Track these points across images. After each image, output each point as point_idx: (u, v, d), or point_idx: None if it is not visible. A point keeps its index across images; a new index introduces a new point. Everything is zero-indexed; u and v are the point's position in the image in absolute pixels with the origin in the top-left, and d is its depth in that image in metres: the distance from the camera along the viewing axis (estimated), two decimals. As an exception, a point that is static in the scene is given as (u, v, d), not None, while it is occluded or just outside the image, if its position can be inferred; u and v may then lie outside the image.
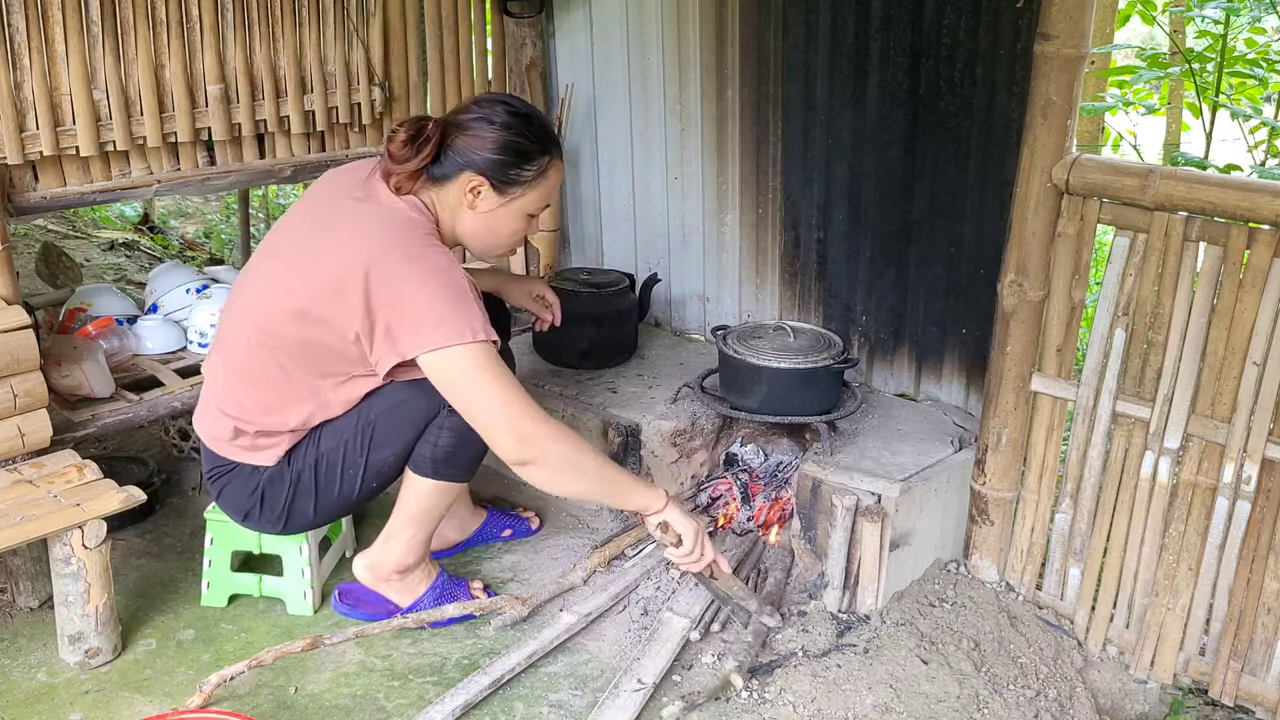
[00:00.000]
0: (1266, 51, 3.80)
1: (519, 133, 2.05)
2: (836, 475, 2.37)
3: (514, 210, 2.11)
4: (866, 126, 2.72)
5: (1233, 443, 2.06)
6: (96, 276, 4.63)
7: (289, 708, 2.08)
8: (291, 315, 1.99)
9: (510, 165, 2.05)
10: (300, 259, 2.02)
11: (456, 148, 2.04)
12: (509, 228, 2.13)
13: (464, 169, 2.04)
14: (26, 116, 2.34)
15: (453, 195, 2.07)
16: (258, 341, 2.04)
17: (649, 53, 3.15)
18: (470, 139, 2.03)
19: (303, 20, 2.74)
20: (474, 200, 2.06)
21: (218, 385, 2.14)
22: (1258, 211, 1.94)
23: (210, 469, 2.18)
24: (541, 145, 2.08)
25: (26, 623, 2.32)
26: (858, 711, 2.07)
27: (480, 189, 2.05)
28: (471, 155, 2.03)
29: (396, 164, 2.02)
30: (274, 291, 2.03)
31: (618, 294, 2.95)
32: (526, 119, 2.07)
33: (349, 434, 2.09)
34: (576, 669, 2.21)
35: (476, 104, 2.09)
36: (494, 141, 2.03)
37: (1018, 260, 2.23)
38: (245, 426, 2.09)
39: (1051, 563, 2.41)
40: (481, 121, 2.04)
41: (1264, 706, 2.16)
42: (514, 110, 2.07)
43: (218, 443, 2.13)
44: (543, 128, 2.10)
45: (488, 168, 2.04)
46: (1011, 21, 2.37)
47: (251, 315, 2.06)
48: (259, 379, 2.06)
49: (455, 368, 1.93)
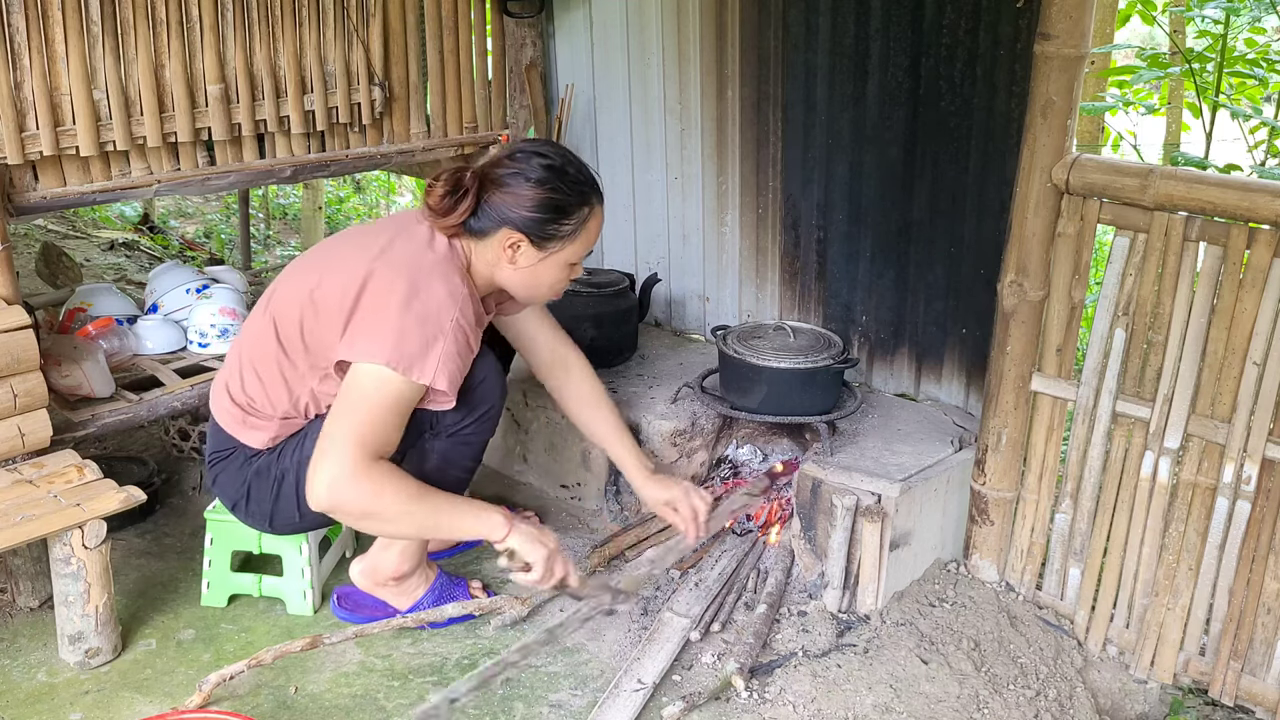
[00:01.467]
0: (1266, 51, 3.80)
1: (555, 188, 2.00)
2: (836, 475, 2.37)
3: (554, 263, 2.08)
4: (866, 126, 2.72)
5: (1233, 443, 2.06)
6: (96, 276, 4.63)
7: (289, 708, 2.08)
8: (301, 298, 2.03)
9: (549, 222, 2.02)
10: (330, 254, 2.08)
11: (494, 204, 2.01)
12: (550, 277, 2.11)
13: (502, 225, 2.01)
14: (26, 116, 2.34)
15: (491, 250, 2.04)
16: (269, 322, 2.08)
17: (649, 53, 3.15)
18: (507, 195, 2.00)
19: (303, 20, 2.74)
20: (513, 256, 2.04)
21: (231, 359, 2.18)
22: (1258, 211, 1.94)
23: (211, 453, 2.21)
24: (580, 197, 2.04)
25: (26, 623, 2.32)
26: (858, 711, 2.08)
27: (519, 245, 2.03)
28: (509, 213, 2.00)
29: (436, 218, 2.01)
30: (300, 276, 2.07)
31: (618, 294, 2.95)
32: (562, 172, 2.02)
33: None
34: (576, 669, 2.21)
35: (511, 158, 2.03)
36: (531, 200, 2.00)
37: (1018, 260, 2.23)
38: (240, 399, 2.11)
39: (1051, 563, 2.41)
40: (518, 177, 2.00)
41: (1264, 706, 2.16)
42: (550, 165, 2.01)
43: (220, 412, 2.16)
44: (579, 178, 2.05)
45: (526, 225, 2.01)
46: (1011, 21, 2.38)
47: (276, 298, 2.10)
48: (261, 357, 2.09)
49: (365, 381, 1.91)
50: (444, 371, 1.92)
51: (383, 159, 3.04)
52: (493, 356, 2.14)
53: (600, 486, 2.79)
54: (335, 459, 1.88)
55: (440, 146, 3.15)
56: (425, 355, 1.90)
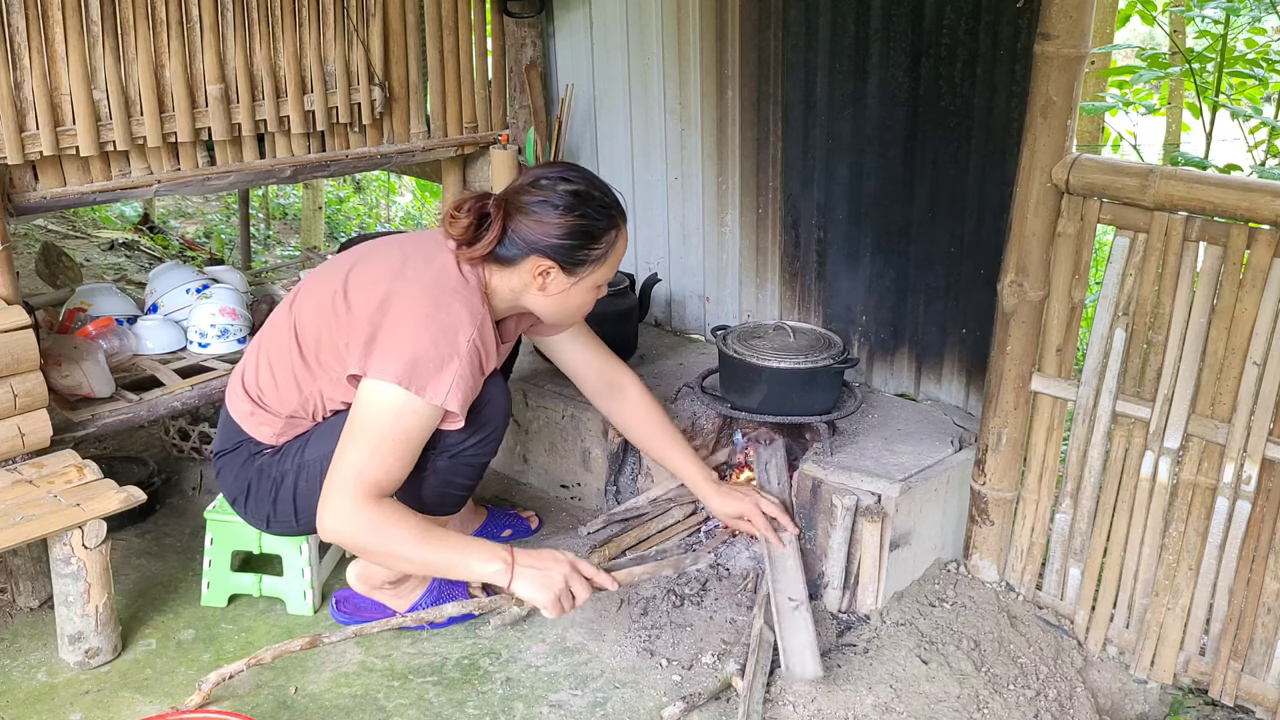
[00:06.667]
0: (1266, 51, 3.80)
1: (583, 214, 2.00)
2: (836, 475, 2.37)
3: (584, 287, 2.08)
4: (866, 126, 2.71)
5: (1233, 443, 2.06)
6: (96, 276, 4.63)
7: (289, 707, 2.08)
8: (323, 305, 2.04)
9: (578, 248, 2.01)
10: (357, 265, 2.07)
11: (521, 232, 2.00)
12: (579, 301, 2.11)
13: (531, 253, 2.01)
14: (26, 116, 2.34)
15: (519, 278, 2.04)
16: (290, 322, 2.09)
17: (649, 53, 3.15)
18: (534, 224, 1.99)
19: (303, 20, 2.74)
20: (544, 283, 2.04)
21: (251, 350, 2.19)
22: (1258, 211, 1.94)
23: (218, 446, 2.22)
24: (608, 221, 2.04)
25: (26, 623, 2.32)
26: (858, 711, 2.07)
27: (550, 272, 2.03)
28: (537, 241, 1.99)
29: (460, 248, 2.01)
30: (326, 282, 2.08)
31: (618, 294, 2.95)
32: (588, 197, 2.02)
33: (330, 449, 2.08)
34: (577, 669, 2.21)
35: (536, 185, 2.02)
36: (560, 227, 1.99)
37: (1018, 260, 2.23)
38: (252, 391, 2.13)
39: (1051, 563, 2.41)
40: (545, 205, 1.99)
41: (1264, 706, 2.16)
42: (576, 191, 2.01)
43: (232, 401, 2.18)
44: (605, 201, 2.05)
45: (556, 253, 2.00)
46: (1011, 21, 2.37)
47: (300, 300, 2.11)
48: (276, 353, 2.10)
49: (380, 402, 1.91)
50: (457, 393, 1.92)
51: (383, 159, 3.04)
52: (499, 377, 2.13)
53: (600, 486, 2.79)
54: (342, 496, 1.90)
55: (440, 146, 3.15)
56: (439, 375, 1.90)
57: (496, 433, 2.13)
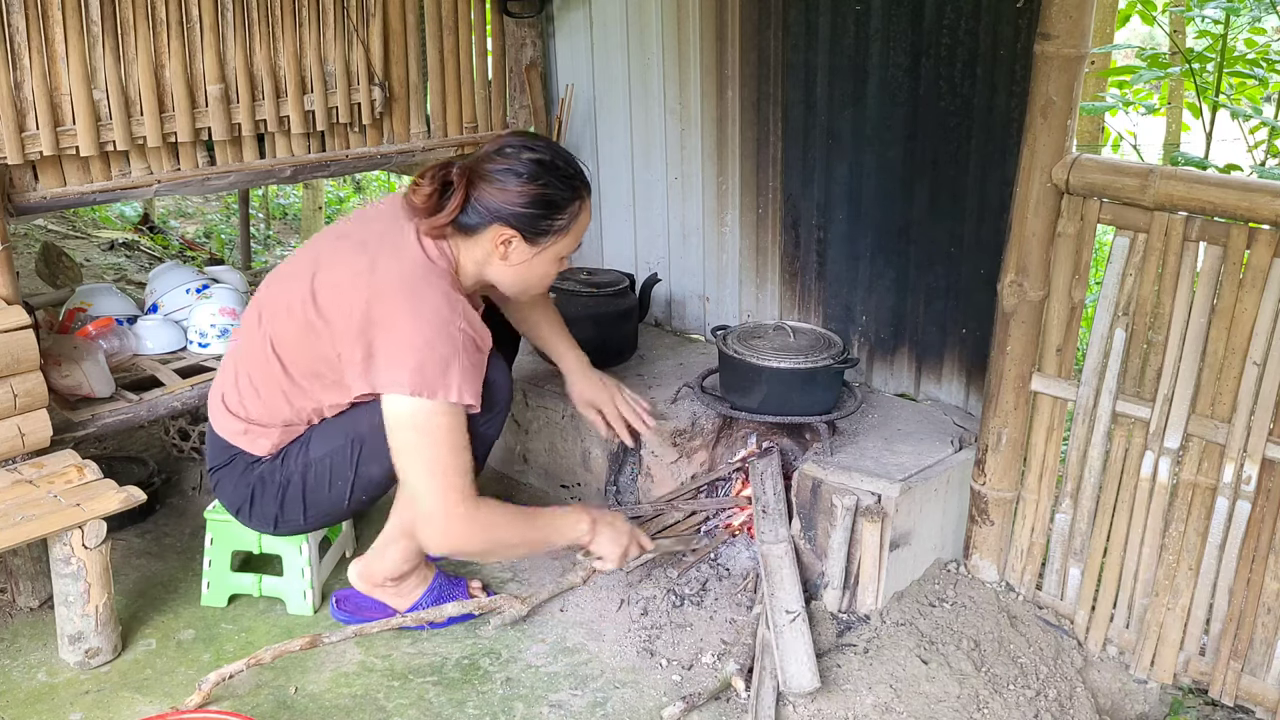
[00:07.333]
0: (1266, 51, 3.79)
1: (546, 183, 1.98)
2: (836, 475, 2.37)
3: (547, 257, 2.07)
4: (866, 126, 2.71)
5: (1233, 443, 2.06)
6: (96, 276, 4.63)
7: (289, 707, 2.08)
8: (296, 319, 2.01)
9: (541, 218, 2.00)
10: (319, 266, 2.04)
11: (484, 200, 1.98)
12: (541, 272, 2.10)
13: (493, 222, 1.99)
14: (26, 116, 2.34)
15: (481, 248, 2.03)
16: (265, 340, 2.06)
17: (649, 53, 3.15)
18: (497, 192, 1.97)
19: (303, 20, 2.74)
20: (506, 252, 2.03)
21: (226, 371, 2.17)
22: (1258, 211, 1.94)
23: (211, 463, 2.20)
24: (571, 192, 2.03)
25: (26, 623, 2.32)
26: (858, 711, 2.07)
27: (512, 240, 2.01)
28: (500, 209, 1.98)
29: (423, 218, 1.99)
30: (290, 292, 2.05)
31: (618, 294, 2.95)
32: (552, 167, 2.00)
33: (337, 445, 2.09)
34: (576, 669, 2.21)
35: (500, 153, 2.00)
36: (523, 195, 1.97)
37: (1018, 260, 2.23)
38: (238, 411, 2.11)
39: (1051, 563, 2.41)
40: (508, 174, 1.97)
41: (1264, 706, 2.16)
42: (540, 159, 1.99)
43: (218, 422, 2.16)
44: (569, 172, 2.03)
45: (518, 221, 1.99)
46: (1011, 21, 2.37)
47: (269, 315, 2.08)
48: (258, 373, 2.08)
49: (407, 420, 1.92)
50: (468, 386, 1.93)
51: (383, 159, 3.04)
52: (499, 358, 2.13)
53: (600, 486, 2.79)
54: (444, 516, 1.95)
55: (440, 146, 3.14)
56: (445, 376, 1.91)
57: (500, 412, 2.14)
